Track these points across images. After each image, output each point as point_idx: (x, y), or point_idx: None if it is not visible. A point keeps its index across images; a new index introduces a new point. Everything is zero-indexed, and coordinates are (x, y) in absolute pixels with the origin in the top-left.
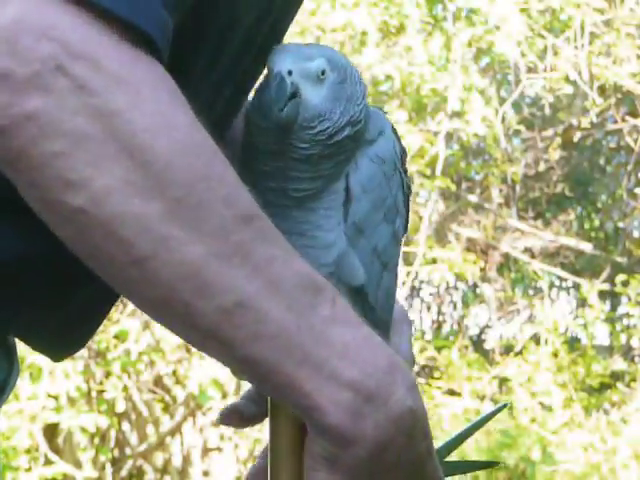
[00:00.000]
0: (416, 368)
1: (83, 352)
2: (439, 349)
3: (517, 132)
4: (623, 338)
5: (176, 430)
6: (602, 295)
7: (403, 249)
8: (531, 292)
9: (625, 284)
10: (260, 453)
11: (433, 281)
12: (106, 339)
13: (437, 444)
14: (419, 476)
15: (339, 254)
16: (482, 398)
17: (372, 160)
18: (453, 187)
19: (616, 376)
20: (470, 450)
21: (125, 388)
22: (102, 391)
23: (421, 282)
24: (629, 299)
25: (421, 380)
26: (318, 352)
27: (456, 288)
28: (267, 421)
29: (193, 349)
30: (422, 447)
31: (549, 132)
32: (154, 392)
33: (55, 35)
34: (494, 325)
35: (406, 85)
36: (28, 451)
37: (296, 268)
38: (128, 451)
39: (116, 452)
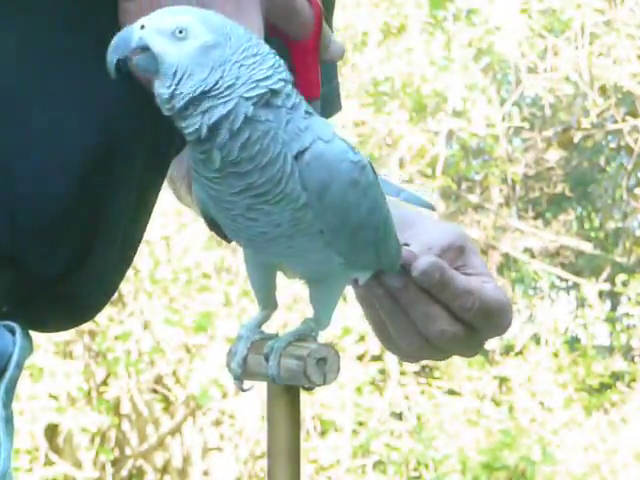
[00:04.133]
0: (416, 368)
1: (83, 352)
2: None
3: (518, 131)
4: (623, 338)
5: (176, 430)
6: (602, 295)
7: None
8: (531, 292)
9: (625, 284)
10: None
11: None
12: (107, 339)
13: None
14: None
15: None
16: (482, 398)
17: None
18: (454, 187)
19: (616, 376)
20: (470, 450)
21: (126, 388)
22: (102, 392)
23: None
24: (629, 299)
25: (421, 380)
26: None
27: None
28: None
29: (194, 349)
30: None
31: (549, 132)
32: (154, 392)
33: None
34: None
35: (406, 85)
36: (29, 451)
37: None
38: (128, 451)
39: (116, 452)
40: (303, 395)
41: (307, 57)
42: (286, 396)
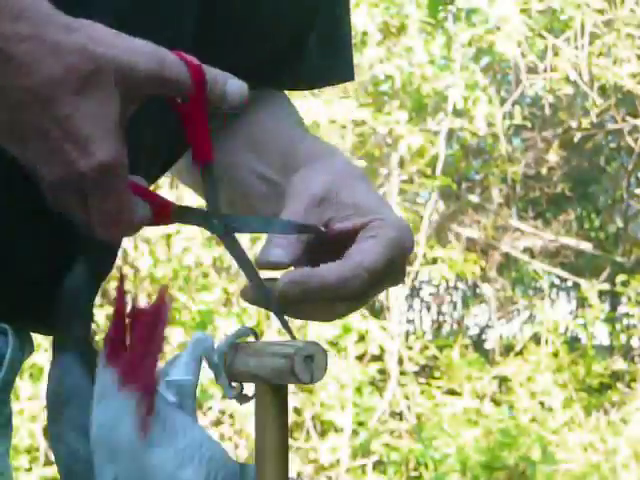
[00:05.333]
0: (416, 368)
1: None
2: (439, 349)
3: (518, 131)
4: (623, 338)
5: None
6: (602, 295)
7: None
8: (531, 292)
9: (625, 284)
10: None
11: (433, 281)
12: None
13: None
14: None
15: None
16: (482, 398)
17: None
18: (454, 187)
19: (616, 376)
20: (470, 450)
21: None
22: None
23: (421, 282)
24: (629, 299)
25: (421, 380)
26: None
27: (456, 288)
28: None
29: None
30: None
31: (549, 132)
32: None
33: None
34: (494, 325)
35: (407, 85)
36: (28, 451)
37: None
38: None
39: None
40: (303, 395)
41: (193, 119)
42: (273, 395)
